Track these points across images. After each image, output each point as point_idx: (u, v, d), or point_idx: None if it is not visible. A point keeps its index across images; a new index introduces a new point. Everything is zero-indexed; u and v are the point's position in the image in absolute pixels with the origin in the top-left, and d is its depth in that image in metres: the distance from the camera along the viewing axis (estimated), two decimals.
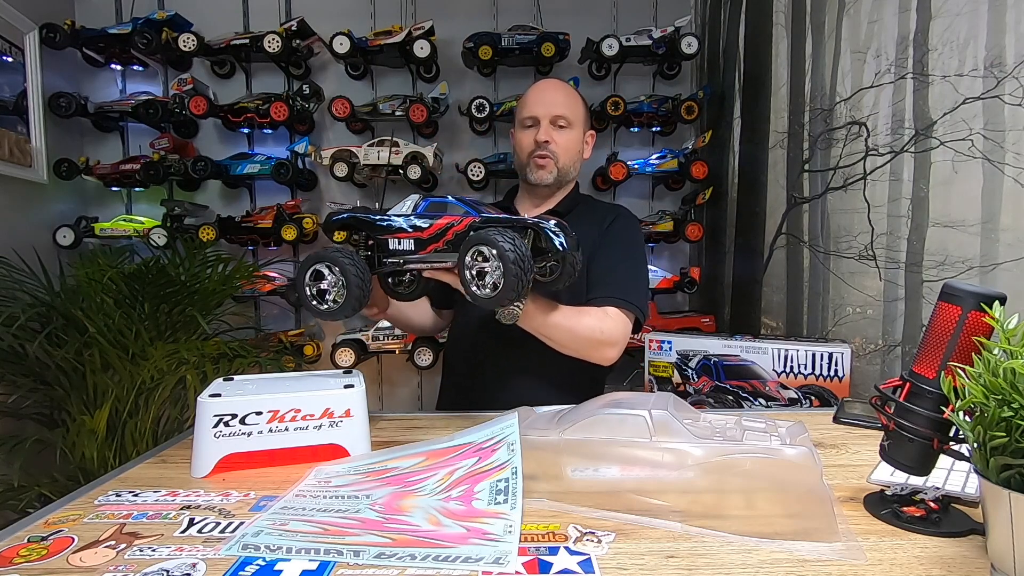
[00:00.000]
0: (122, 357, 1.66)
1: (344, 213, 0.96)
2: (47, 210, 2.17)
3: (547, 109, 1.27)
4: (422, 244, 0.91)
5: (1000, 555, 0.51)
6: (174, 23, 2.18)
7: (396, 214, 0.93)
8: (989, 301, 0.56)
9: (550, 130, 1.27)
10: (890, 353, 1.37)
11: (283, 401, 0.82)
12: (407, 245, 0.92)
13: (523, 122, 1.31)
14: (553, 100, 1.28)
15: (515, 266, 0.81)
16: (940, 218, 1.24)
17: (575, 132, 1.30)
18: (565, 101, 1.29)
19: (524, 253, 0.82)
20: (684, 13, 2.34)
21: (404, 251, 0.92)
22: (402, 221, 0.92)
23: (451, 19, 2.32)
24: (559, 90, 1.31)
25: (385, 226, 0.93)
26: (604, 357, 1.17)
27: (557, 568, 0.54)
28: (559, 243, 0.89)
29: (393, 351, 2.24)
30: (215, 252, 2.01)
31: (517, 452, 0.69)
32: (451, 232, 0.89)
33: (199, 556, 0.56)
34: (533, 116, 1.28)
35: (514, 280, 0.82)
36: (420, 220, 0.91)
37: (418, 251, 0.92)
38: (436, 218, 0.91)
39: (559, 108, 1.27)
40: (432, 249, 0.91)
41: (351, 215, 0.95)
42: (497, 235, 0.82)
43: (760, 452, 0.62)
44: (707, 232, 2.32)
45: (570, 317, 1.12)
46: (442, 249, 0.90)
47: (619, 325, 1.17)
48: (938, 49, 1.24)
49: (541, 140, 1.27)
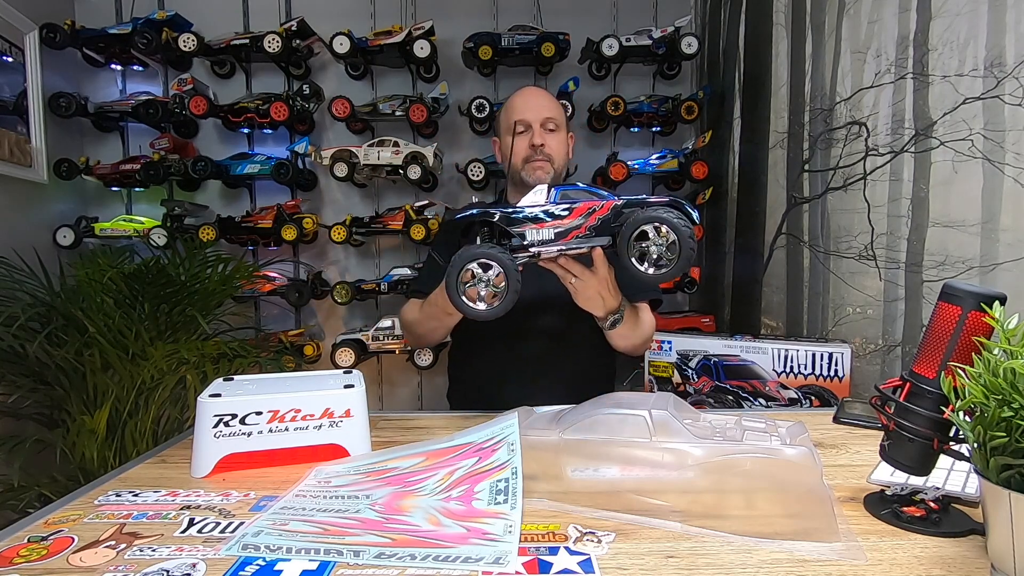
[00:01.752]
0: (122, 357, 1.66)
1: (473, 209, 0.94)
2: (47, 210, 2.17)
3: (537, 113, 1.32)
4: (563, 232, 0.90)
5: (1000, 555, 0.51)
6: (174, 23, 2.18)
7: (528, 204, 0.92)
8: (989, 301, 0.56)
9: (543, 134, 1.31)
10: (890, 353, 1.37)
11: (283, 401, 0.82)
12: (547, 234, 0.90)
13: (513, 127, 1.33)
14: (541, 104, 1.34)
15: (691, 239, 0.84)
16: (940, 218, 1.24)
17: (562, 134, 1.36)
18: (551, 105, 1.35)
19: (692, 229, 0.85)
20: (684, 13, 2.34)
21: (544, 240, 0.91)
22: (538, 211, 0.91)
23: (451, 19, 2.32)
24: (544, 95, 1.39)
25: (523, 217, 0.91)
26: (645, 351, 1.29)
27: (557, 568, 0.54)
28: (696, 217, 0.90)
29: (393, 351, 2.24)
30: (215, 252, 2.01)
31: (517, 452, 0.69)
32: (594, 216, 0.89)
33: (199, 556, 0.56)
34: (524, 121, 1.32)
35: (690, 252, 0.84)
36: (557, 208, 0.90)
37: (558, 239, 0.90)
38: (575, 204, 0.90)
39: (547, 112, 1.33)
40: (574, 236, 0.90)
41: (483, 210, 0.93)
42: (665, 213, 0.84)
43: (760, 452, 0.62)
44: (707, 232, 2.32)
45: (641, 315, 1.20)
46: (585, 235, 0.90)
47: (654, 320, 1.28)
48: (938, 49, 1.24)
49: (537, 144, 1.30)
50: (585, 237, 0.90)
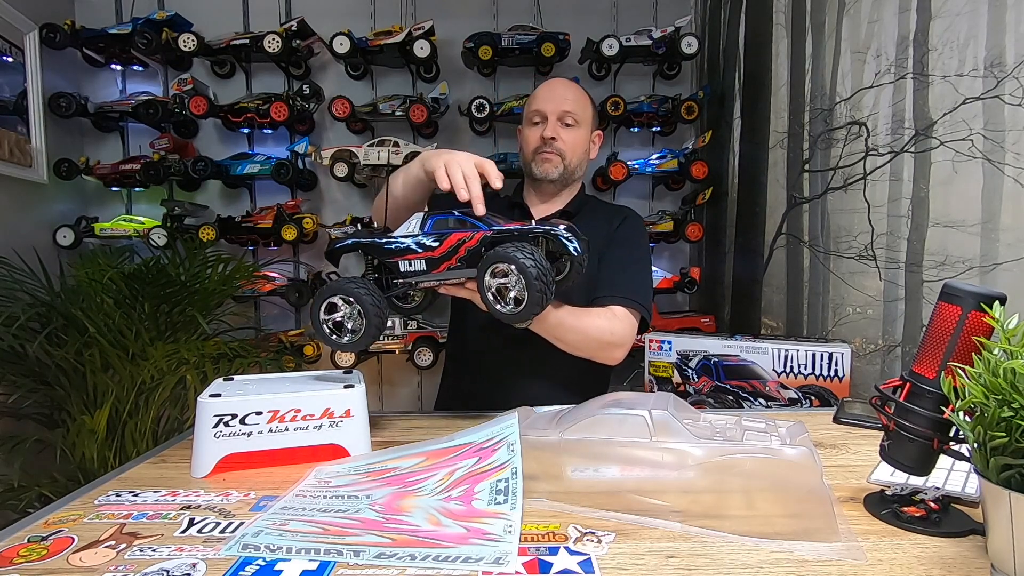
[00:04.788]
0: (122, 357, 1.66)
1: (349, 239, 0.95)
2: (47, 210, 2.17)
3: (555, 105, 1.27)
4: (434, 263, 0.89)
5: (1000, 555, 0.51)
6: (174, 23, 2.18)
7: (402, 235, 0.91)
8: (989, 301, 0.56)
9: (557, 127, 1.27)
10: (890, 353, 1.37)
11: (283, 401, 0.82)
12: (419, 265, 0.90)
13: (530, 118, 1.31)
14: (562, 97, 1.29)
15: (538, 281, 0.80)
16: (940, 218, 1.24)
17: (582, 131, 1.30)
18: (574, 99, 1.29)
19: (545, 266, 0.81)
20: (684, 13, 2.34)
21: (416, 272, 0.90)
22: (410, 241, 0.90)
23: (451, 19, 2.32)
24: (569, 88, 1.32)
25: (393, 248, 0.90)
26: (611, 357, 1.18)
27: (557, 568, 0.54)
28: (573, 248, 0.88)
29: (393, 351, 2.24)
30: (215, 252, 2.01)
31: (517, 452, 0.69)
32: (463, 248, 0.87)
33: (199, 556, 0.56)
34: (541, 112, 1.28)
35: (538, 296, 0.81)
36: (428, 239, 0.89)
37: (430, 270, 0.90)
38: (446, 235, 0.88)
39: (567, 105, 1.27)
40: (445, 267, 0.89)
41: (356, 240, 0.94)
42: (516, 251, 0.81)
43: (760, 452, 0.62)
44: (707, 232, 2.32)
45: (580, 318, 1.12)
46: (456, 266, 0.88)
47: (626, 325, 1.17)
48: (938, 49, 1.24)
49: (548, 136, 1.27)
50: (456, 268, 0.88)
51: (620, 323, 1.16)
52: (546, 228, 0.88)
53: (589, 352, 1.16)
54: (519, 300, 0.83)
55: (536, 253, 0.81)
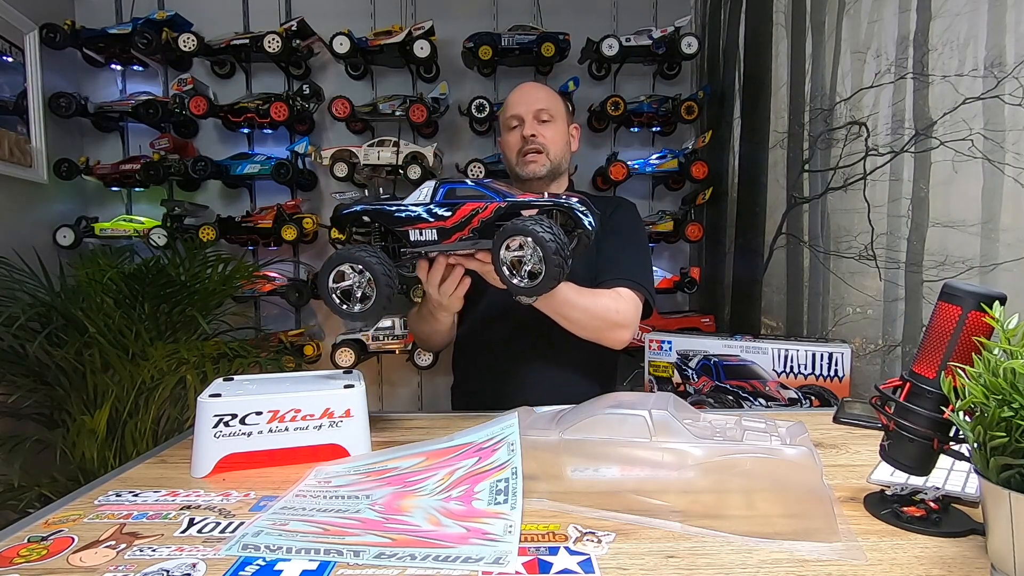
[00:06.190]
0: (122, 357, 1.66)
1: (357, 205, 0.91)
2: (47, 210, 2.17)
3: (529, 106, 1.32)
4: (446, 233, 0.86)
5: (1000, 555, 0.51)
6: (174, 23, 2.18)
7: (413, 203, 0.88)
8: (989, 301, 0.56)
9: (535, 124, 1.31)
10: (890, 353, 1.37)
11: (283, 401, 0.82)
12: (430, 235, 0.87)
13: (508, 124, 1.35)
14: (534, 97, 1.33)
15: (557, 256, 0.79)
16: (940, 218, 1.24)
17: (559, 124, 1.34)
18: (545, 97, 1.34)
19: (563, 240, 0.80)
20: (684, 13, 2.34)
21: (426, 241, 0.87)
22: (421, 210, 0.87)
23: (451, 19, 2.32)
24: (538, 88, 1.37)
25: (404, 217, 0.87)
26: (618, 339, 1.19)
27: (557, 568, 0.54)
28: (588, 222, 0.86)
29: (393, 351, 2.24)
30: (215, 252, 2.01)
31: (517, 452, 0.69)
32: (477, 219, 0.85)
33: (199, 556, 0.56)
34: (517, 115, 1.32)
35: (556, 270, 0.80)
36: (441, 208, 0.86)
37: (441, 240, 0.87)
38: (458, 205, 0.86)
39: (540, 103, 1.32)
40: (457, 238, 0.86)
41: (364, 207, 0.90)
42: (534, 225, 0.79)
43: (760, 452, 0.62)
44: (707, 232, 2.32)
45: (586, 296, 1.13)
46: (467, 237, 0.86)
47: (631, 306, 1.19)
48: (938, 49, 1.24)
49: (528, 135, 1.30)
50: (469, 239, 0.86)
51: (625, 303, 1.18)
52: (560, 201, 0.86)
53: (595, 332, 1.16)
54: (534, 274, 0.82)
55: (555, 227, 0.80)
